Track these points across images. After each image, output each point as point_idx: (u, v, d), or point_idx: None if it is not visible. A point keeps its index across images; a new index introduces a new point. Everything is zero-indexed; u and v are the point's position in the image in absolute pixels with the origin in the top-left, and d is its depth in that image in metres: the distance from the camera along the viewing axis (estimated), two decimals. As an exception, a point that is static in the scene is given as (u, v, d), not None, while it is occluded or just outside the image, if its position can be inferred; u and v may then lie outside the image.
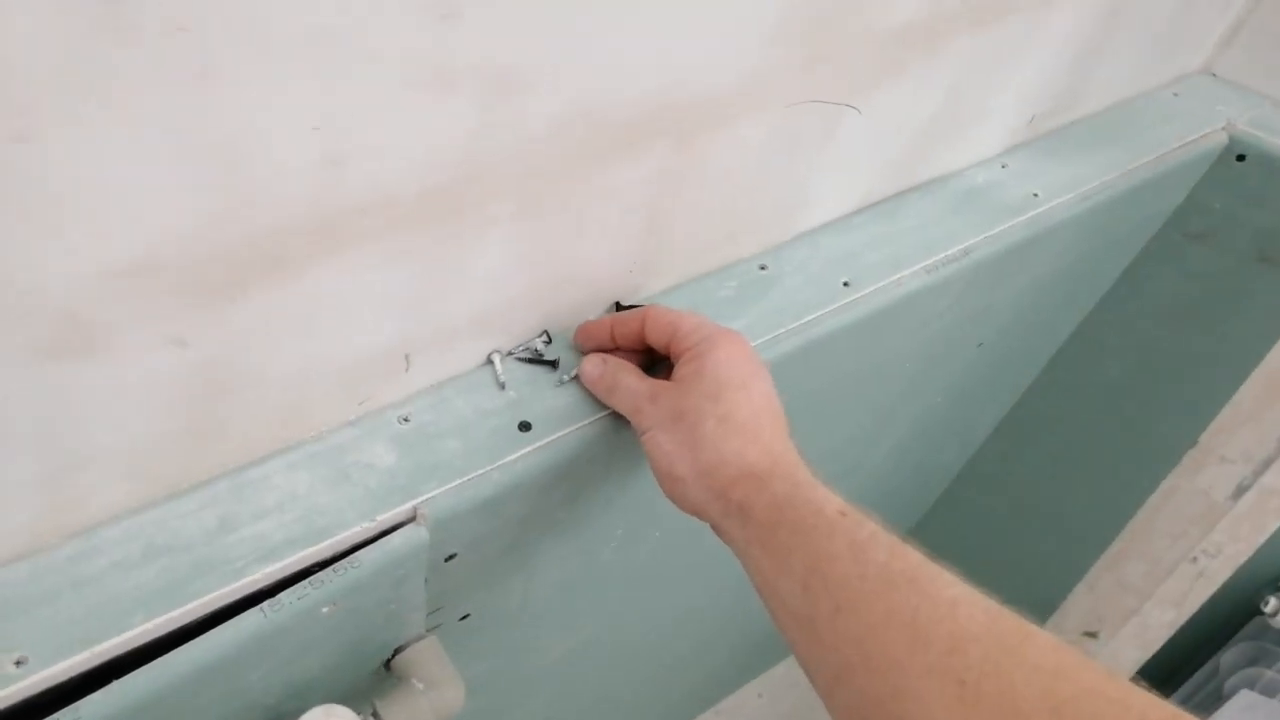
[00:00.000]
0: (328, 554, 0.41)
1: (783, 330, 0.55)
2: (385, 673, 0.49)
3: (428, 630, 0.50)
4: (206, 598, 0.38)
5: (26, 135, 0.27)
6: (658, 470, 0.44)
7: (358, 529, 0.42)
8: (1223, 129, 0.80)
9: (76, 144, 0.28)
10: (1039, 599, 1.10)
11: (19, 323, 0.31)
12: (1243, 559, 0.90)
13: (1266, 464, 0.83)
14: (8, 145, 0.27)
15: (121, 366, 0.35)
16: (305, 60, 0.31)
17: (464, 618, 0.53)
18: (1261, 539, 0.87)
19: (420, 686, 0.48)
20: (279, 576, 0.40)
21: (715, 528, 0.42)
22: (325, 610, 0.41)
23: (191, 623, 0.39)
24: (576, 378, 0.49)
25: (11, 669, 0.35)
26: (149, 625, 0.37)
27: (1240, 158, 0.80)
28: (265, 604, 0.39)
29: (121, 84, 0.28)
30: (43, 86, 0.26)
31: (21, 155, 0.27)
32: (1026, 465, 1.11)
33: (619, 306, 0.53)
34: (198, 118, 0.30)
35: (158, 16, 0.27)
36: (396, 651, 0.49)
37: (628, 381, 0.46)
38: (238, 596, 0.39)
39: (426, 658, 0.49)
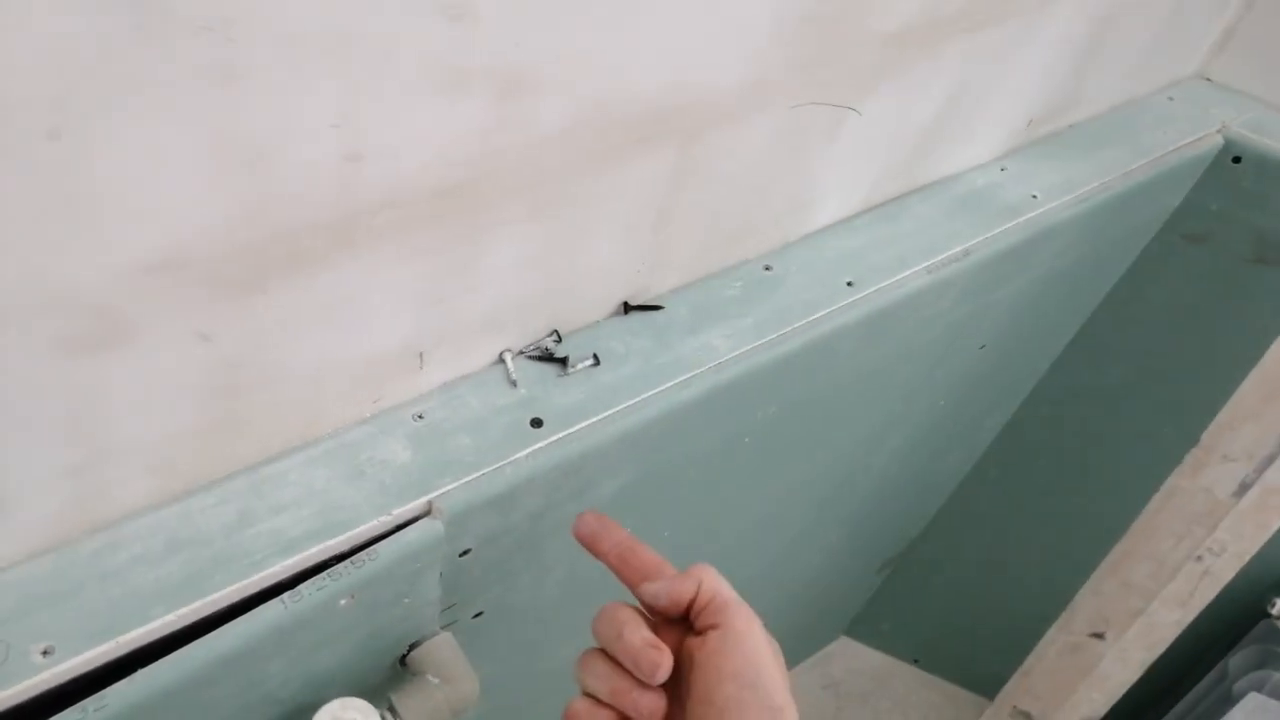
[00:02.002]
0: (345, 547, 0.42)
1: (788, 329, 0.56)
2: (400, 669, 0.50)
3: (442, 627, 0.51)
4: (227, 590, 0.39)
5: (60, 132, 0.28)
6: None
7: (374, 523, 0.42)
8: (1218, 132, 0.81)
9: (107, 141, 0.29)
10: (1045, 601, 1.11)
11: (50, 315, 0.32)
12: (1247, 556, 0.90)
13: (1269, 461, 0.83)
14: (42, 143, 0.28)
15: (148, 360, 0.36)
16: (324, 59, 0.32)
17: (477, 615, 0.54)
18: (1266, 536, 0.88)
19: (435, 681, 0.48)
20: (298, 569, 0.41)
21: None
22: (343, 602, 0.41)
23: (213, 614, 0.39)
24: None
25: (39, 659, 0.36)
26: (171, 617, 0.38)
27: (1236, 160, 0.82)
28: (285, 595, 0.40)
29: (150, 82, 0.29)
30: (75, 85, 0.27)
31: (55, 152, 0.28)
32: (1031, 468, 1.12)
33: (628, 307, 0.54)
34: (223, 115, 0.31)
35: (184, 16, 0.28)
36: (411, 647, 0.50)
37: None
38: (258, 589, 0.40)
39: (442, 653, 0.50)
